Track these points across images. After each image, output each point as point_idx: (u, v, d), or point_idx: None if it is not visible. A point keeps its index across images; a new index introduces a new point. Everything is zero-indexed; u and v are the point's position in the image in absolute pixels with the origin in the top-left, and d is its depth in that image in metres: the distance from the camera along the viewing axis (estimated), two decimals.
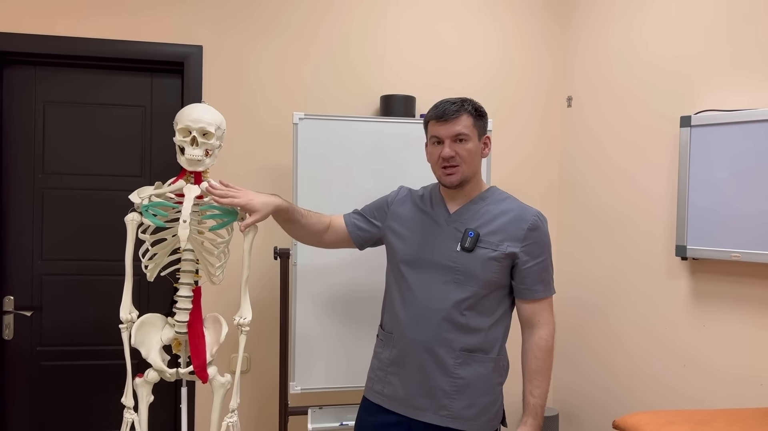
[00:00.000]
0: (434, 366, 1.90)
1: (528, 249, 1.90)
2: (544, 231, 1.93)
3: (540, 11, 3.31)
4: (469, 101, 1.92)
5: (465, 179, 1.91)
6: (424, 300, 1.93)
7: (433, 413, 1.89)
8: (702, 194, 2.36)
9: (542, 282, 1.93)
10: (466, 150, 1.89)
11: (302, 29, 3.03)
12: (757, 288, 2.24)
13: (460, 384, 1.89)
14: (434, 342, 1.90)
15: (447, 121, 1.88)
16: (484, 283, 1.89)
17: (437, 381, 1.89)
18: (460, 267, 1.89)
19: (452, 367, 1.89)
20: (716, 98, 2.41)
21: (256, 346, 2.98)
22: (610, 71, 2.97)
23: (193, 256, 2.17)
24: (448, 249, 1.92)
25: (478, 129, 1.92)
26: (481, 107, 1.94)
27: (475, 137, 1.90)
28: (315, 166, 2.63)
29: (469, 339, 1.89)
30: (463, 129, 1.88)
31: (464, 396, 1.88)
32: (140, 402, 2.15)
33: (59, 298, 2.91)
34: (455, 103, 1.89)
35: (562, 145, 3.33)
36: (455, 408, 1.88)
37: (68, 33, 2.82)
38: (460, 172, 1.90)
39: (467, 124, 1.89)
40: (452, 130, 1.87)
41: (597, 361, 3.02)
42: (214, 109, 2.20)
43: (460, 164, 1.89)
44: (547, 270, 1.94)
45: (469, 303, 1.89)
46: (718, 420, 1.90)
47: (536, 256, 1.91)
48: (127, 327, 2.13)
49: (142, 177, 2.99)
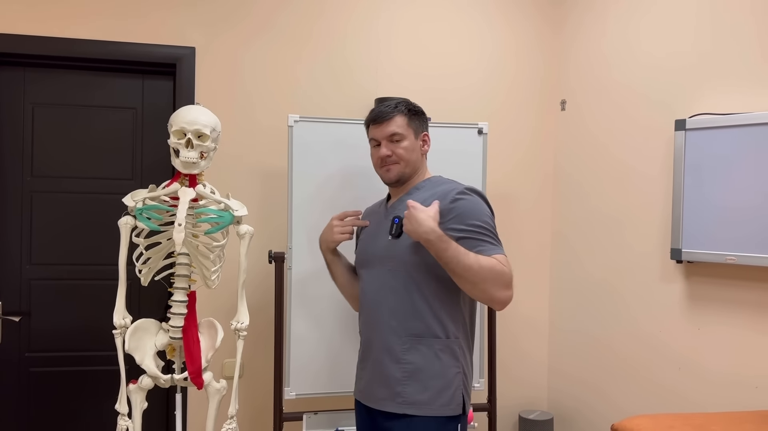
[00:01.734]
0: (385, 355, 1.95)
1: (456, 221, 1.87)
2: (469, 200, 1.91)
3: (534, 16, 3.31)
4: (402, 102, 2.03)
5: (402, 175, 2.01)
6: (370, 294, 2.02)
7: (390, 401, 1.93)
8: (697, 197, 2.36)
9: (483, 243, 1.86)
10: (402, 148, 1.99)
11: (296, 31, 3.01)
12: (752, 291, 2.25)
13: (410, 370, 1.91)
14: (384, 332, 1.96)
15: (381, 123, 2.00)
16: (415, 266, 1.91)
17: (389, 369, 1.93)
18: (391, 254, 1.96)
19: (401, 353, 1.92)
20: (711, 102, 2.42)
21: (250, 351, 2.94)
22: (604, 75, 2.98)
23: (188, 260, 2.14)
24: (383, 240, 2.00)
25: (413, 127, 2.02)
26: (416, 106, 2.05)
27: (410, 135, 2.01)
28: (310, 169, 2.61)
29: (413, 323, 1.92)
30: (397, 129, 1.99)
31: (415, 380, 1.90)
32: (134, 409, 2.11)
33: (48, 303, 2.86)
34: (388, 106, 2.01)
35: (557, 149, 3.34)
36: (409, 394, 1.90)
37: (58, 34, 2.78)
38: (397, 170, 2.00)
39: (401, 124, 2.00)
40: (386, 131, 1.99)
41: (592, 364, 3.02)
42: (209, 111, 2.17)
43: (398, 162, 2.00)
44: (485, 234, 1.87)
45: (407, 288, 1.92)
46: (716, 423, 1.90)
47: (466, 224, 1.87)
48: (121, 332, 2.11)
49: (133, 180, 2.95)
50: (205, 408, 2.84)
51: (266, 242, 2.95)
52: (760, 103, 2.23)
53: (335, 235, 2.12)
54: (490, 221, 1.92)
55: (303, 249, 2.60)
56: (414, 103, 2.06)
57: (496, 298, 1.83)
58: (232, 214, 2.16)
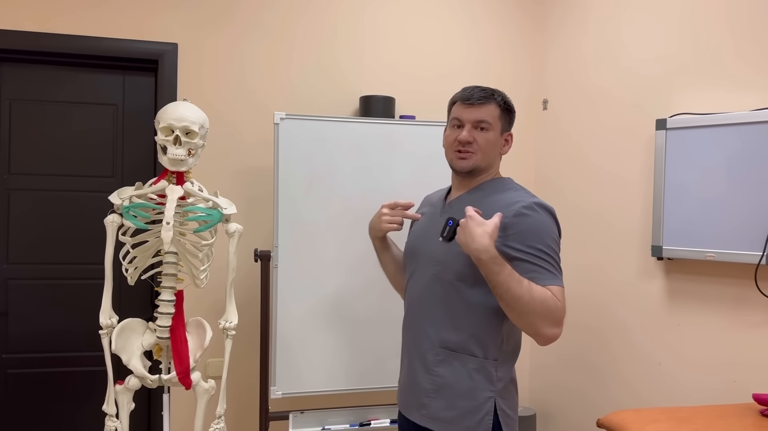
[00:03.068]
0: (418, 363, 1.84)
1: (515, 239, 1.70)
2: (535, 218, 1.71)
3: (518, 16, 3.35)
4: (500, 93, 1.84)
5: (477, 167, 1.82)
6: (413, 296, 1.89)
7: (416, 411, 1.83)
8: (677, 195, 2.42)
9: (540, 270, 1.68)
10: (485, 139, 1.80)
11: (282, 29, 3.00)
12: (731, 287, 2.31)
13: (439, 383, 1.78)
14: (419, 338, 1.84)
15: (472, 105, 1.80)
16: (462, 276, 1.76)
17: (420, 378, 1.82)
18: (439, 257, 1.81)
19: (432, 364, 1.80)
20: (691, 101, 2.47)
21: (236, 350, 2.91)
22: (586, 75, 3.03)
23: (176, 259, 2.12)
24: (434, 241, 1.83)
25: (502, 122, 1.84)
26: (511, 103, 1.86)
27: (497, 129, 1.82)
28: (296, 166, 2.60)
29: (449, 335, 1.78)
30: (487, 117, 1.80)
31: (442, 396, 1.78)
32: (121, 410, 2.08)
33: (26, 303, 2.80)
34: (485, 90, 1.82)
35: (538, 148, 3.38)
36: (434, 409, 1.78)
37: (36, 28, 2.72)
38: (474, 159, 1.81)
39: (493, 114, 1.81)
40: (476, 115, 1.80)
41: (574, 360, 3.07)
42: (197, 108, 2.15)
43: (476, 151, 1.80)
44: (545, 260, 1.69)
45: (449, 298, 1.78)
46: (699, 416, 1.95)
47: (526, 244, 1.69)
48: (108, 332, 2.07)
49: (113, 177, 2.91)
50: (188, 408, 2.83)
51: (252, 240, 2.93)
52: (738, 103, 2.29)
53: (383, 224, 1.96)
54: (555, 246, 1.72)
55: (289, 247, 2.59)
56: (509, 98, 1.87)
57: (542, 334, 1.66)
58: (220, 212, 2.15)
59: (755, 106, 2.22)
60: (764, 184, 2.12)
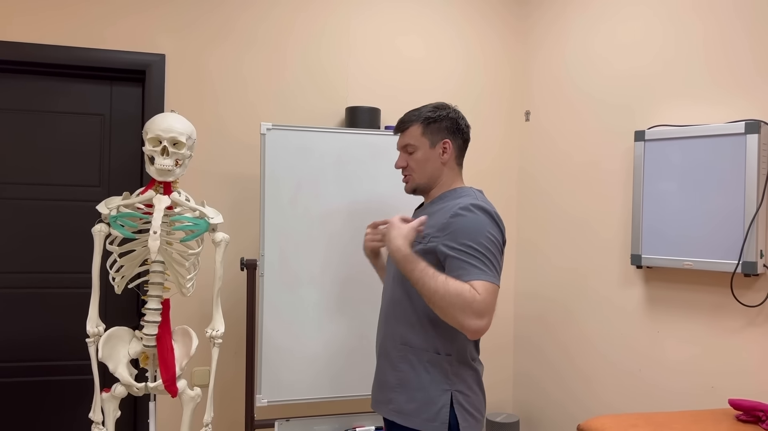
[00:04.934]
0: (384, 360, 1.97)
1: (449, 238, 1.80)
2: (469, 218, 1.80)
3: (501, 29, 3.41)
4: (425, 110, 1.96)
5: (417, 187, 1.99)
6: (383, 296, 2.04)
7: (384, 406, 1.94)
8: (655, 205, 2.47)
9: (467, 266, 1.75)
10: (414, 160, 1.96)
11: (268, 40, 3.03)
12: (708, 294, 2.36)
13: (401, 378, 1.90)
14: (385, 336, 1.98)
15: (398, 133, 2.01)
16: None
17: (386, 375, 1.95)
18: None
19: (396, 360, 1.93)
20: (669, 113, 2.54)
21: (222, 358, 2.93)
22: (567, 87, 3.09)
23: (163, 268, 2.14)
24: None
25: (428, 136, 1.94)
26: (438, 114, 1.95)
27: (424, 145, 1.95)
28: (282, 176, 2.63)
29: (408, 333, 1.90)
30: (409, 140, 1.96)
31: (404, 390, 1.89)
32: (107, 417, 2.09)
33: (13, 312, 2.80)
34: (408, 114, 1.98)
35: (521, 158, 3.43)
36: (398, 402, 1.90)
37: (22, 38, 2.73)
38: (412, 180, 1.99)
39: (414, 134, 1.95)
40: (401, 142, 1.99)
41: (556, 367, 3.11)
42: (185, 119, 2.18)
43: (411, 173, 1.98)
44: (474, 256, 1.76)
45: (407, 298, 1.90)
46: (677, 421, 1.99)
47: (458, 242, 1.78)
48: (94, 340, 2.08)
49: (100, 187, 2.92)
50: (174, 416, 2.83)
51: (238, 249, 2.95)
52: (713, 115, 2.35)
53: (366, 243, 2.15)
54: (487, 243, 1.78)
55: (275, 256, 2.62)
56: (442, 108, 1.96)
57: (465, 326, 1.72)
58: (207, 222, 2.17)
59: (729, 119, 2.29)
60: (738, 194, 2.18)
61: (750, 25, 2.23)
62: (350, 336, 2.71)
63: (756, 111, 2.20)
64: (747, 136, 2.15)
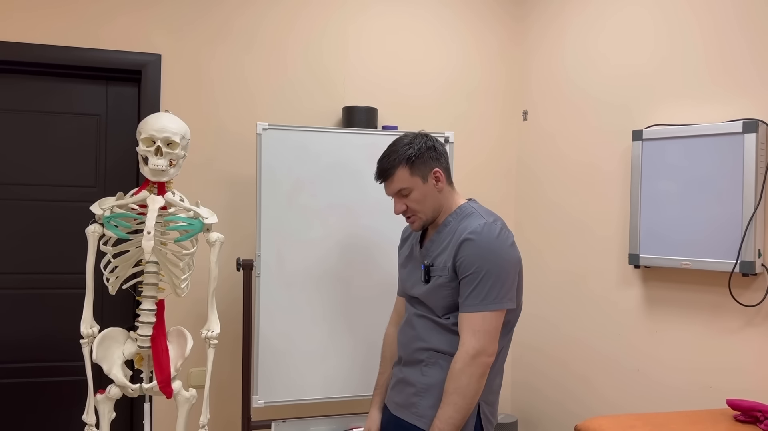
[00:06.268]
0: (409, 363, 1.95)
1: (460, 262, 1.83)
2: (478, 244, 1.81)
3: (498, 28, 3.40)
4: (399, 151, 1.89)
5: (426, 223, 1.95)
6: (409, 310, 2.01)
7: (406, 409, 1.93)
8: (653, 205, 2.46)
9: (471, 297, 1.81)
10: (413, 200, 1.91)
11: (265, 40, 3.02)
12: (706, 294, 2.35)
13: (428, 383, 1.89)
14: (411, 340, 1.96)
15: (385, 181, 1.93)
16: (445, 310, 1.89)
17: (410, 378, 1.94)
18: (422, 298, 1.94)
19: (422, 365, 1.91)
20: (666, 113, 2.52)
21: (218, 359, 2.92)
22: (564, 87, 3.08)
23: (157, 269, 2.13)
24: (418, 281, 1.97)
25: (418, 174, 1.89)
26: (417, 151, 1.89)
27: (417, 184, 1.90)
28: (279, 177, 2.62)
29: (438, 340, 1.90)
30: (399, 184, 1.90)
31: (431, 395, 1.87)
32: (102, 419, 2.08)
33: (7, 313, 2.78)
34: (385, 161, 1.91)
35: (519, 158, 3.42)
36: (423, 406, 1.88)
37: (17, 38, 2.72)
38: (418, 220, 1.94)
39: (403, 177, 1.89)
40: (391, 189, 1.92)
41: (554, 368, 3.10)
42: (179, 119, 2.17)
43: (415, 213, 1.93)
44: (479, 286, 1.80)
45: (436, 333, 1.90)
46: (675, 422, 1.98)
47: (466, 269, 1.82)
48: (89, 341, 2.07)
49: (96, 187, 2.91)
50: (169, 418, 2.83)
51: (234, 250, 2.94)
52: (711, 115, 2.34)
53: None
54: (491, 266, 1.81)
55: (271, 256, 2.61)
56: (418, 144, 1.90)
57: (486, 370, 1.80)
58: (201, 222, 2.16)
59: (727, 118, 2.27)
60: (736, 194, 2.17)
61: (748, 23, 2.22)
62: (347, 336, 2.69)
63: (754, 110, 2.19)
64: (745, 135, 2.14)
